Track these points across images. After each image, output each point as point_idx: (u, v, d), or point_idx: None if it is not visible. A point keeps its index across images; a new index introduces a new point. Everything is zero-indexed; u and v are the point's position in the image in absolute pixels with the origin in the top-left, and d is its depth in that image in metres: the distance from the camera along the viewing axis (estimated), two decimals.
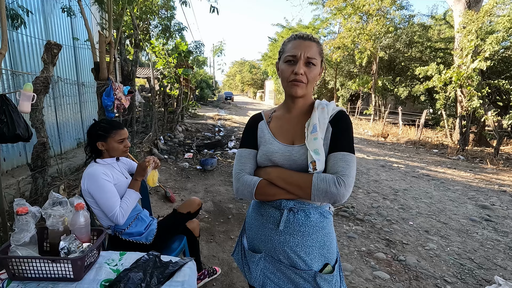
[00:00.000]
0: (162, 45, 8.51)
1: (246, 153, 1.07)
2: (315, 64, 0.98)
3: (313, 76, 0.99)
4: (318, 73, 1.02)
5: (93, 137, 1.61)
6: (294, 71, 0.97)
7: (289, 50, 0.99)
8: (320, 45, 1.02)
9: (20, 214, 1.03)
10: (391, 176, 5.54)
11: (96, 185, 1.49)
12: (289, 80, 0.99)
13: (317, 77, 1.02)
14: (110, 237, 1.67)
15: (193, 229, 1.95)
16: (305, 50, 0.97)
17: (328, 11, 15.91)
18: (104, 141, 1.60)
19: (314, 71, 0.99)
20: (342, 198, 0.89)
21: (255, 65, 54.19)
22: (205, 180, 4.71)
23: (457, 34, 9.57)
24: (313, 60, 0.97)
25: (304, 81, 0.98)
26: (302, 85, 0.98)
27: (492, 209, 3.92)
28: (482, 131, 9.42)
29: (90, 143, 1.63)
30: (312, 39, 1.00)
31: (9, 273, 1.03)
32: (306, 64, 0.97)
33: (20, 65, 4.45)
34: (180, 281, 1.10)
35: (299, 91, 0.99)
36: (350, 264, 2.52)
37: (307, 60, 0.97)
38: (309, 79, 0.98)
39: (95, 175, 1.50)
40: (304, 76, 0.97)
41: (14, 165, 4.28)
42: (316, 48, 0.99)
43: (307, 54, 0.96)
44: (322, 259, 1.01)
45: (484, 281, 2.33)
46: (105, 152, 1.62)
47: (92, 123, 1.67)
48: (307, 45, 0.97)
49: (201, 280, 2.09)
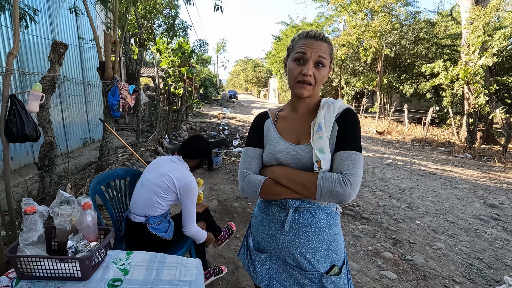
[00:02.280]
0: (167, 44, 8.53)
1: (252, 152, 1.06)
2: (324, 65, 0.95)
3: (322, 77, 0.96)
4: (326, 74, 0.99)
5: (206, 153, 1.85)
6: (302, 72, 0.94)
7: (298, 49, 0.96)
8: (331, 45, 0.98)
9: (28, 213, 1.03)
10: (397, 174, 5.48)
11: (193, 195, 1.66)
12: (297, 81, 0.96)
13: (325, 78, 0.99)
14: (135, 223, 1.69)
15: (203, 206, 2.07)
16: (315, 51, 0.93)
17: (333, 8, 15.77)
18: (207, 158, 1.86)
19: (323, 72, 0.96)
20: (348, 198, 0.87)
21: (259, 63, 54.06)
22: (210, 179, 4.71)
23: (464, 30, 9.42)
24: (323, 61, 0.94)
25: (312, 82, 0.95)
26: (309, 87, 0.96)
27: (501, 208, 3.86)
28: (490, 129, 9.28)
29: (199, 159, 1.83)
30: (323, 39, 0.96)
31: (17, 272, 1.03)
32: (315, 65, 0.95)
33: (27, 65, 4.49)
34: (187, 281, 1.09)
35: (306, 93, 0.97)
36: (356, 263, 2.50)
37: (317, 60, 0.94)
38: (317, 80, 0.96)
39: (195, 186, 1.67)
40: (313, 78, 0.95)
41: (21, 164, 4.33)
42: (326, 48, 0.95)
43: (318, 54, 0.93)
44: (329, 261, 0.99)
45: (493, 281, 2.30)
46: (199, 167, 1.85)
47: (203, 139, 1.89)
48: (318, 45, 0.94)
49: (207, 279, 2.10)
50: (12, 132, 1.84)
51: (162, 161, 1.78)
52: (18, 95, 1.91)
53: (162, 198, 1.65)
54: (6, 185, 1.91)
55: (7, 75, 1.84)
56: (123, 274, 1.10)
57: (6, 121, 1.84)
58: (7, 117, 1.85)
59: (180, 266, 1.18)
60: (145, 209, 1.67)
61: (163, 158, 1.81)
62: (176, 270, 1.15)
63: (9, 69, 1.84)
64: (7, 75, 1.84)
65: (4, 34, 4.01)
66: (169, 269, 1.15)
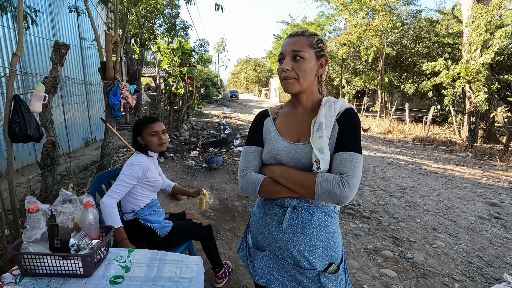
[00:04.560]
0: (167, 44, 8.56)
1: (251, 151, 1.07)
2: (303, 57, 0.95)
3: (303, 69, 0.95)
4: (312, 67, 0.97)
5: (134, 133, 1.76)
6: (281, 68, 0.97)
7: (280, 50, 1.00)
8: (311, 37, 0.98)
9: (31, 211, 1.05)
10: (398, 173, 5.48)
11: (128, 168, 1.64)
12: (281, 78, 0.99)
13: (311, 70, 0.97)
14: (128, 222, 1.73)
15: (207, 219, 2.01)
16: (290, 46, 0.96)
17: (334, 7, 15.75)
18: (140, 136, 1.73)
19: (303, 65, 0.95)
20: (346, 199, 0.87)
21: (260, 62, 54.05)
22: (211, 178, 4.73)
23: (465, 29, 9.38)
24: (299, 53, 0.95)
25: (292, 76, 0.96)
26: (292, 81, 0.97)
27: (502, 207, 3.86)
28: (492, 128, 9.24)
29: (133, 139, 1.77)
30: (299, 33, 0.98)
31: (21, 269, 1.05)
32: (293, 59, 0.96)
33: (29, 65, 4.52)
34: (188, 278, 1.11)
35: (290, 87, 0.98)
36: (356, 261, 2.51)
37: (292, 54, 0.96)
38: (298, 73, 0.96)
39: (132, 162, 1.65)
40: (292, 72, 0.96)
41: (24, 164, 4.36)
42: (303, 41, 0.96)
43: (292, 48, 0.95)
44: (327, 259, 1.00)
45: (493, 279, 2.30)
46: (148, 147, 1.75)
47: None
48: (293, 41, 0.97)
49: (222, 280, 2.06)
50: (15, 132, 1.87)
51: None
52: (21, 95, 1.93)
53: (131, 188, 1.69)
54: (9, 184, 1.93)
55: (11, 76, 1.86)
56: (125, 271, 1.12)
57: (10, 121, 1.87)
58: (11, 117, 1.87)
59: (181, 264, 1.19)
60: (129, 205, 1.73)
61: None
62: (176, 267, 1.17)
63: (13, 70, 1.86)
64: (11, 76, 1.86)
65: (6, 35, 4.04)
66: (169, 266, 1.17)
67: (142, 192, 1.73)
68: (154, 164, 1.81)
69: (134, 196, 1.72)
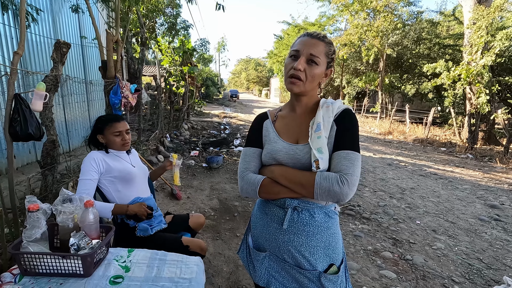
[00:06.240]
0: (168, 43, 8.56)
1: (251, 152, 1.08)
2: (317, 64, 0.96)
3: (314, 74, 0.97)
4: (320, 74, 0.98)
5: (94, 130, 1.65)
6: (293, 66, 0.96)
7: (294, 46, 0.99)
8: (329, 46, 0.99)
9: (32, 211, 1.05)
10: (398, 174, 5.48)
11: (82, 167, 1.55)
12: (288, 75, 0.99)
13: (318, 77, 0.99)
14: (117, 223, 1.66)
15: (201, 249, 1.67)
16: (309, 47, 0.96)
17: (335, 7, 15.74)
18: (102, 134, 1.64)
19: (315, 70, 0.96)
20: (346, 197, 0.88)
21: (261, 62, 54.04)
22: (211, 178, 4.73)
23: (466, 30, 9.37)
24: (315, 59, 0.95)
25: (302, 77, 0.96)
26: (299, 83, 0.97)
27: (502, 209, 3.86)
28: (492, 129, 9.24)
29: (90, 136, 1.67)
30: (320, 38, 0.98)
31: (21, 268, 1.05)
32: (307, 61, 0.96)
33: (30, 64, 4.52)
34: (187, 278, 1.11)
35: (295, 88, 0.98)
36: (356, 263, 2.51)
37: (309, 57, 0.96)
38: (307, 76, 0.96)
39: (86, 159, 1.56)
40: (303, 73, 0.96)
41: (24, 162, 4.36)
42: (322, 48, 0.97)
43: (310, 51, 0.95)
44: (327, 260, 1.01)
45: (493, 282, 2.30)
46: (108, 146, 1.66)
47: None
48: (313, 43, 0.96)
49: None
50: (16, 131, 1.86)
51: None
52: (22, 94, 1.93)
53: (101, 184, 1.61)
54: (10, 183, 1.93)
55: (12, 75, 1.85)
56: (125, 271, 1.12)
57: (10, 120, 1.86)
58: (12, 116, 1.87)
59: (181, 264, 1.19)
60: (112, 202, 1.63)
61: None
62: (176, 267, 1.17)
63: (15, 68, 1.86)
64: (13, 75, 1.86)
65: (7, 33, 4.04)
66: (169, 266, 1.17)
67: (112, 186, 1.60)
68: (122, 157, 1.70)
69: (107, 191, 1.61)
